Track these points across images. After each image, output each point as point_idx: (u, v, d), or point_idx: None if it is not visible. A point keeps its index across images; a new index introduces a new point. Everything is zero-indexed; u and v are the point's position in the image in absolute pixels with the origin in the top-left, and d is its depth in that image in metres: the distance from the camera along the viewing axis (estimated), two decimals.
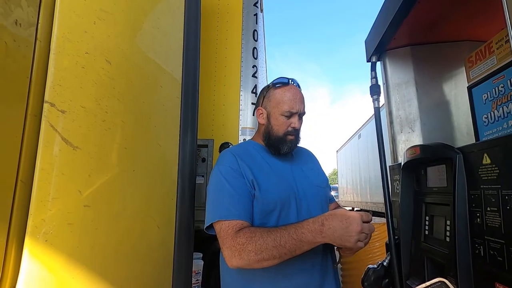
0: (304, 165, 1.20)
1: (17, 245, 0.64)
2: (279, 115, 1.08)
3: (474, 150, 0.84)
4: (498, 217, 0.71)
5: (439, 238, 0.99)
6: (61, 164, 0.71)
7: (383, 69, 1.52)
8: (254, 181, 0.99)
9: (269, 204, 0.98)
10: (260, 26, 2.49)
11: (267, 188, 1.00)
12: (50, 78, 0.71)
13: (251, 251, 0.81)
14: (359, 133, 9.79)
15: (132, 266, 0.87)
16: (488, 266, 0.74)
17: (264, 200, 0.98)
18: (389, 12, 1.22)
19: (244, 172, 1.00)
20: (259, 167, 1.05)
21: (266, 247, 0.80)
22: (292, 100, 1.08)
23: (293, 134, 1.10)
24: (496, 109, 1.15)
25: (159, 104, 1.04)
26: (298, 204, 1.04)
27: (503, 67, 1.14)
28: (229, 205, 0.92)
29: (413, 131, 1.41)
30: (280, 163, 1.13)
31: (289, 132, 1.09)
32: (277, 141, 1.10)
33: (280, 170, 1.10)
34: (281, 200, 1.01)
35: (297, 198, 1.04)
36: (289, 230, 0.82)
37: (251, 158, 1.08)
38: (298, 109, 1.09)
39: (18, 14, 0.64)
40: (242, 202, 0.94)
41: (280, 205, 1.00)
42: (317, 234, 0.79)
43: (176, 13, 1.18)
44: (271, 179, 1.04)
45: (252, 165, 1.04)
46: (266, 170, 1.06)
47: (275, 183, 1.04)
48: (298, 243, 0.80)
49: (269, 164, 1.10)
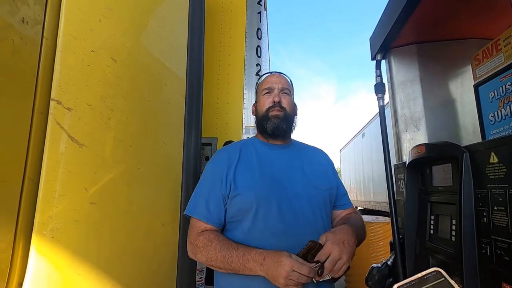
0: (308, 164, 1.15)
1: (25, 242, 0.65)
2: (261, 96, 1.15)
3: (481, 148, 0.83)
4: (505, 216, 0.71)
5: (445, 237, 0.98)
6: (67, 162, 0.71)
7: (388, 67, 1.51)
8: (232, 181, 1.00)
9: (244, 203, 0.98)
10: (264, 24, 2.48)
11: (244, 188, 1.00)
12: (57, 75, 0.71)
13: (203, 256, 0.91)
14: (363, 132, 9.75)
15: (137, 263, 0.88)
16: (494, 266, 0.73)
17: (240, 199, 0.99)
18: (395, 9, 1.21)
19: (228, 171, 1.02)
20: (245, 165, 1.06)
21: (215, 259, 0.89)
22: (270, 79, 1.16)
23: (275, 109, 1.09)
24: (503, 108, 1.14)
25: (164, 102, 1.04)
26: (281, 205, 0.99)
27: (511, 65, 1.13)
28: (202, 205, 0.99)
29: (418, 130, 1.40)
30: (276, 159, 1.10)
31: (271, 107, 1.10)
32: (262, 119, 1.11)
33: (271, 167, 1.07)
34: (258, 200, 0.98)
35: (282, 199, 1.00)
36: (239, 251, 0.88)
37: (244, 154, 1.09)
38: (277, 83, 1.13)
39: (25, 12, 0.65)
40: (213, 205, 0.99)
41: (256, 205, 0.97)
42: (258, 266, 0.84)
43: (180, 12, 1.18)
44: (253, 178, 1.03)
45: (239, 163, 1.05)
46: (251, 168, 1.05)
47: (256, 182, 1.02)
48: (242, 267, 0.86)
49: (261, 160, 1.08)
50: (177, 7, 1.18)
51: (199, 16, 1.30)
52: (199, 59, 1.28)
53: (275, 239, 0.94)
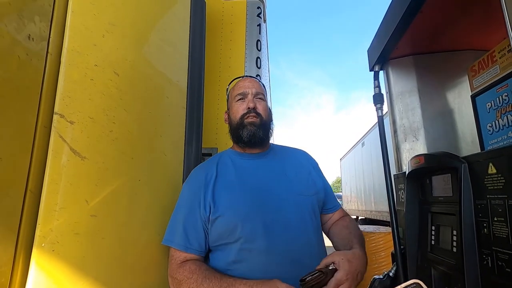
0: (290, 169, 1.07)
1: (25, 255, 0.65)
2: (234, 103, 1.07)
3: (479, 159, 0.84)
4: (505, 227, 0.71)
5: (446, 248, 0.97)
6: (69, 174, 0.72)
7: (386, 78, 1.53)
8: (211, 202, 0.93)
9: (226, 225, 0.91)
10: (264, 36, 2.52)
11: (225, 208, 0.92)
12: (60, 90, 0.73)
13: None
14: (363, 141, 9.76)
15: (136, 276, 0.87)
16: (496, 278, 0.73)
17: (221, 221, 0.91)
18: (392, 21, 1.24)
19: (205, 191, 0.95)
20: (224, 181, 0.98)
21: None
22: (242, 84, 1.09)
23: (251, 115, 1.02)
24: (500, 118, 1.15)
25: (165, 115, 1.05)
26: (266, 220, 0.91)
27: (507, 76, 1.14)
28: (180, 232, 0.91)
29: (417, 140, 1.41)
30: (254, 168, 1.03)
31: (245, 114, 1.02)
32: (237, 127, 1.03)
33: (250, 179, 1.00)
34: (242, 217, 0.91)
35: (266, 213, 0.92)
36: (222, 283, 0.80)
37: (221, 169, 1.02)
38: (249, 88, 1.06)
39: (31, 29, 0.66)
40: (191, 232, 0.92)
41: (241, 223, 0.90)
42: None
43: (181, 25, 1.21)
44: (233, 196, 0.95)
45: (217, 180, 0.98)
46: (230, 185, 0.98)
47: (236, 200, 0.94)
48: None
49: (239, 172, 1.01)
50: (178, 20, 1.20)
51: (200, 29, 1.33)
52: (200, 71, 1.30)
53: (265, 257, 0.88)
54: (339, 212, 1.15)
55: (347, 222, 1.09)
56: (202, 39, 1.35)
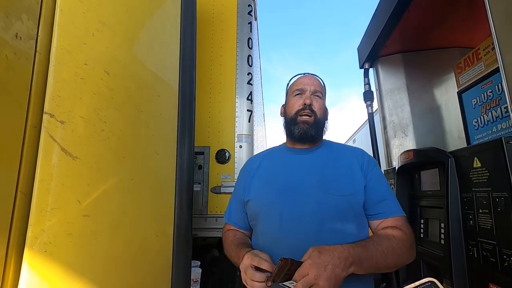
0: (332, 166, 1.03)
1: (17, 256, 0.64)
2: (292, 98, 1.12)
3: (465, 154, 0.86)
4: (489, 219, 0.73)
5: (434, 240, 1.00)
6: (60, 174, 0.71)
7: (376, 75, 1.55)
8: (248, 188, 1.09)
9: (253, 209, 1.05)
10: (255, 34, 2.53)
11: (254, 194, 1.06)
12: (50, 89, 0.72)
13: (224, 250, 1.11)
14: (354, 138, 9.87)
15: (132, 275, 0.87)
16: (482, 267, 0.75)
17: (250, 205, 1.07)
18: (380, 20, 1.26)
19: (248, 177, 1.12)
20: (262, 171, 1.11)
21: (227, 254, 1.07)
22: (302, 80, 1.13)
23: (305, 113, 1.04)
24: (485, 114, 1.19)
25: (157, 113, 1.05)
26: (283, 212, 0.95)
27: (491, 72, 1.18)
28: (228, 209, 1.18)
29: (406, 136, 1.44)
30: (292, 163, 1.06)
31: (301, 110, 1.05)
32: (291, 122, 1.08)
33: (286, 173, 1.03)
34: (261, 207, 1.02)
35: (285, 206, 0.96)
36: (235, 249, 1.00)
37: (265, 160, 1.15)
38: (309, 85, 1.09)
39: (18, 27, 0.65)
40: (234, 208, 1.16)
41: (261, 212, 1.02)
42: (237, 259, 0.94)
43: (172, 23, 1.20)
44: (262, 185, 1.07)
45: (258, 170, 1.12)
46: (267, 175, 1.09)
47: (263, 189, 1.05)
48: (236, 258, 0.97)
49: (279, 166, 1.08)
50: (168, 19, 1.20)
51: (191, 27, 1.33)
52: (191, 69, 1.30)
53: (275, 245, 0.94)
54: (392, 221, 0.96)
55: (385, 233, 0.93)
56: (193, 38, 1.34)
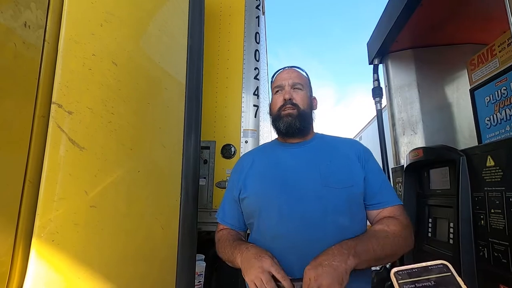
0: (328, 158, 1.02)
1: (25, 245, 0.64)
2: (273, 96, 1.13)
3: (477, 152, 0.84)
4: (502, 219, 0.72)
5: (443, 240, 0.99)
6: (67, 165, 0.71)
7: (385, 71, 1.53)
8: (243, 185, 1.07)
9: (251, 206, 1.03)
10: (262, 28, 2.50)
11: (251, 191, 1.04)
12: (58, 79, 0.72)
13: (217, 251, 1.08)
14: (360, 135, 9.79)
15: (137, 267, 0.87)
16: (492, 268, 0.74)
17: (247, 202, 1.05)
18: (392, 15, 1.23)
19: (241, 175, 1.10)
20: (258, 168, 1.09)
21: (221, 253, 1.04)
22: (279, 76, 1.14)
23: (287, 107, 1.04)
24: (498, 112, 1.16)
25: (164, 106, 1.04)
26: (283, 208, 0.94)
27: (506, 69, 1.15)
28: (221, 209, 1.15)
29: (415, 133, 1.41)
30: (287, 158, 1.05)
31: (282, 106, 1.06)
32: (275, 119, 1.09)
33: (282, 169, 1.02)
34: (260, 204, 1.00)
35: (285, 202, 0.94)
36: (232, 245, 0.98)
37: (260, 157, 1.13)
38: (286, 79, 1.09)
39: (27, 16, 0.65)
40: (227, 208, 1.13)
41: (258, 209, 1.00)
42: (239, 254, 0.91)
43: (180, 16, 1.20)
44: (261, 182, 1.04)
45: (252, 166, 1.10)
46: (262, 171, 1.07)
47: (260, 185, 1.03)
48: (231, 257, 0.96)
49: (274, 162, 1.06)
50: (177, 11, 1.19)
51: (199, 20, 1.31)
52: (199, 63, 1.29)
53: (276, 243, 0.92)
54: (390, 210, 0.96)
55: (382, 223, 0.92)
56: (201, 31, 1.33)
